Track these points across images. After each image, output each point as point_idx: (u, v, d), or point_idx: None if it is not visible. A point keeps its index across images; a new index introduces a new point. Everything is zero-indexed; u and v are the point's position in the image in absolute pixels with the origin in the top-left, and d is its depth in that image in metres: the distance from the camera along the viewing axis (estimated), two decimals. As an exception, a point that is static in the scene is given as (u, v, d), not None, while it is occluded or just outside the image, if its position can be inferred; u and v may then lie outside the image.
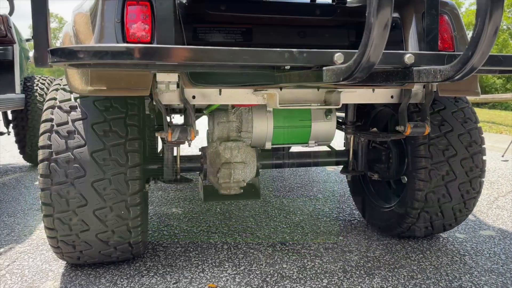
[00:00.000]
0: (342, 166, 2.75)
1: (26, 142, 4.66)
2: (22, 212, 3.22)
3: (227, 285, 2.04)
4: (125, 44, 1.22)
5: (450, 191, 2.28)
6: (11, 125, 4.87)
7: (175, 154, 2.35)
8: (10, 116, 4.98)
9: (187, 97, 1.85)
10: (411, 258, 2.34)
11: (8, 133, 4.89)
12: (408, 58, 1.27)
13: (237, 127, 2.42)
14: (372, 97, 2.02)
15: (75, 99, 1.96)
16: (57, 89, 2.03)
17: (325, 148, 2.78)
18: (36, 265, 2.28)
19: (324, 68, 1.20)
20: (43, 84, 4.75)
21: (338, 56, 1.20)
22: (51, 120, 1.90)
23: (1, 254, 2.42)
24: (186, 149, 5.06)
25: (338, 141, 3.85)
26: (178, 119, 3.69)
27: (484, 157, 2.33)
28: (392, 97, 2.07)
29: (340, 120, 2.66)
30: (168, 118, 2.75)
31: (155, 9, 1.65)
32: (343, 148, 2.84)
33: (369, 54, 0.97)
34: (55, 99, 1.98)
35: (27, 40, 5.10)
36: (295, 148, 4.53)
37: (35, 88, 4.65)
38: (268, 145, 2.45)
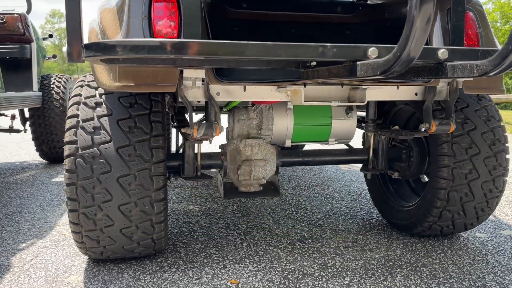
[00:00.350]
0: (356, 165, 2.74)
1: (43, 139, 4.71)
2: (41, 208, 3.25)
3: (249, 281, 2.04)
4: (166, 39, 1.23)
5: (473, 189, 2.26)
6: (27, 122, 4.93)
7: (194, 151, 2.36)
8: (26, 114, 5.04)
9: (212, 94, 1.86)
10: (433, 257, 2.32)
11: (25, 130, 4.95)
12: (442, 54, 1.26)
13: (257, 125, 2.42)
14: (397, 94, 2.01)
15: (100, 95, 1.98)
16: (81, 86, 2.05)
17: (341, 147, 2.78)
18: (58, 260, 2.30)
19: (358, 62, 1.20)
20: (60, 82, 4.80)
21: (372, 50, 1.20)
22: (76, 116, 1.92)
23: (24, 249, 2.45)
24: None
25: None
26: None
27: (507, 156, 2.31)
28: (416, 94, 2.06)
29: (359, 118, 2.66)
30: (186, 115, 2.77)
31: (181, 6, 1.66)
32: (361, 146, 2.83)
33: (410, 48, 0.96)
34: (80, 95, 2.00)
35: (44, 38, 5.16)
36: (308, 146, 4.52)
37: (52, 86, 4.70)
38: (288, 143, 2.45)
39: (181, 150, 2.48)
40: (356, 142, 2.73)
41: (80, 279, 2.06)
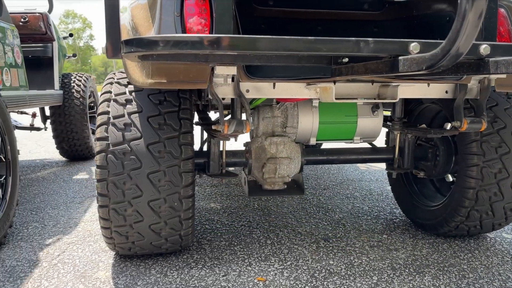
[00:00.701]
0: (374, 165, 2.72)
1: (63, 137, 4.76)
2: (64, 204, 3.29)
3: (275, 279, 2.04)
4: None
5: (502, 189, 2.23)
6: (48, 120, 4.99)
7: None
8: (46, 112, 5.11)
9: (242, 91, 1.86)
10: (460, 257, 2.29)
11: (45, 128, 5.01)
12: (484, 49, 1.24)
13: (282, 122, 2.42)
14: (427, 92, 1.99)
15: (130, 92, 1.99)
16: (111, 83, 2.07)
17: (364, 145, 2.75)
18: (85, 255, 2.32)
19: (400, 57, 1.19)
20: (80, 81, 4.86)
21: (414, 45, 1.19)
22: (107, 112, 1.94)
23: (51, 245, 2.48)
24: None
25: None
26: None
27: (538, 155, 2.26)
28: (446, 92, 2.03)
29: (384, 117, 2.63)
30: (209, 113, 2.78)
31: (213, 3, 1.66)
32: (381, 145, 2.81)
33: (459, 43, 0.95)
34: (110, 92, 2.01)
35: (64, 38, 5.22)
36: (326, 145, 4.50)
37: (72, 84, 4.75)
38: (313, 141, 2.45)
39: (204, 148, 2.49)
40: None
41: (108, 275, 2.08)
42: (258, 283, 2.00)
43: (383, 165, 4.56)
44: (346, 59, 1.65)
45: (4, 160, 2.58)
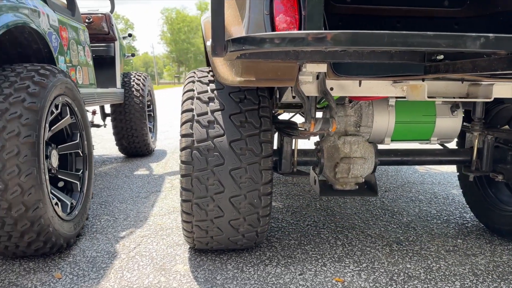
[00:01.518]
0: (434, 167, 2.61)
1: (123, 134, 4.92)
2: (131, 199, 3.40)
3: (354, 280, 2.01)
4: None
5: None
6: (107, 118, 5.18)
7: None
8: (106, 110, 5.30)
9: (327, 89, 1.85)
10: (546, 266, 2.18)
11: (105, 125, 5.20)
12: None
13: (355, 122, 2.38)
14: (519, 91, 1.90)
15: (212, 90, 2.03)
16: (193, 81, 2.11)
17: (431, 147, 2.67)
18: (161, 249, 2.39)
19: (525, 54, 1.14)
20: (139, 79, 5.01)
21: (539, 42, 1.13)
22: (191, 110, 1.98)
23: (125, 238, 2.57)
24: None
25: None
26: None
27: None
28: (539, 92, 1.93)
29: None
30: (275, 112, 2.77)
31: (301, 1, 1.66)
32: (455, 147, 2.71)
33: None
34: (192, 90, 2.06)
35: (123, 37, 5.40)
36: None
37: (132, 83, 4.91)
38: (388, 141, 2.39)
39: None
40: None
41: (187, 268, 2.13)
42: (336, 283, 1.98)
43: (443, 168, 4.42)
44: (441, 56, 1.60)
45: (81, 154, 2.70)
